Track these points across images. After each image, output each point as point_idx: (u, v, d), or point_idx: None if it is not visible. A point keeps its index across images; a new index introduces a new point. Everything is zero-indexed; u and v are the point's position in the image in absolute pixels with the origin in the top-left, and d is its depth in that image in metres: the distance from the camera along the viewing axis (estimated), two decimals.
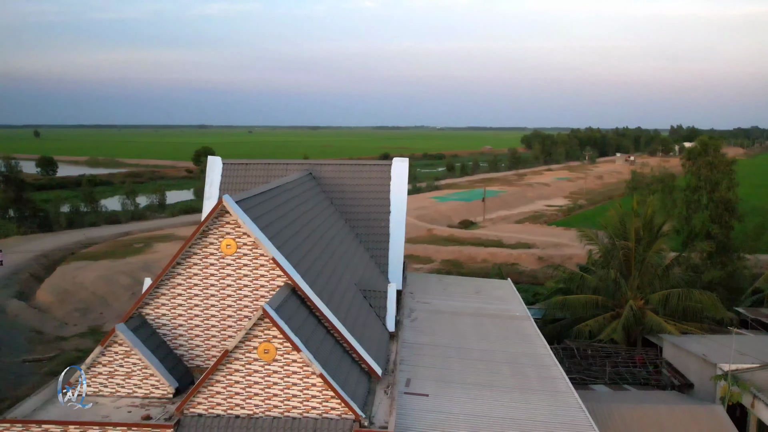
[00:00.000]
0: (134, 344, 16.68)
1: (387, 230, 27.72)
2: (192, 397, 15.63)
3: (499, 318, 26.72)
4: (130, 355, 16.80)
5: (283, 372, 15.58)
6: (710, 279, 42.58)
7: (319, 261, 20.43)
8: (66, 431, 15.45)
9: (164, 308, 17.97)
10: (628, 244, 34.00)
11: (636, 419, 20.86)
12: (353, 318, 19.31)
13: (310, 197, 25.49)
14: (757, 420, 22.48)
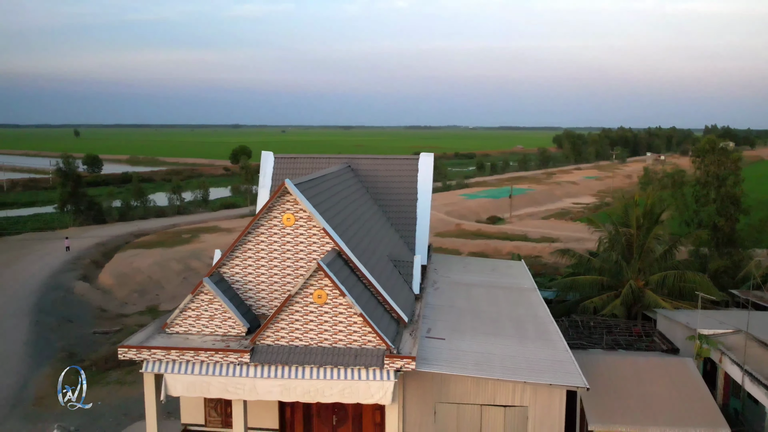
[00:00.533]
0: (216, 293, 21.75)
1: (414, 215, 32.53)
2: (263, 331, 20.64)
3: (509, 289, 31.39)
4: (213, 302, 21.86)
5: (332, 312, 20.52)
6: (716, 267, 46.53)
7: (357, 235, 25.30)
8: (168, 354, 20.59)
9: (237, 268, 23.02)
10: (629, 230, 38.34)
11: (615, 365, 25.38)
12: (385, 279, 24.15)
13: (349, 185, 30.44)
14: (725, 373, 26.74)
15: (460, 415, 22.70)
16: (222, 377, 20.39)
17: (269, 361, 20.33)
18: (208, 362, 20.55)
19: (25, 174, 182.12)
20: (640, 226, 38.21)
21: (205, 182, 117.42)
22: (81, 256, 64.83)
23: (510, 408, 22.51)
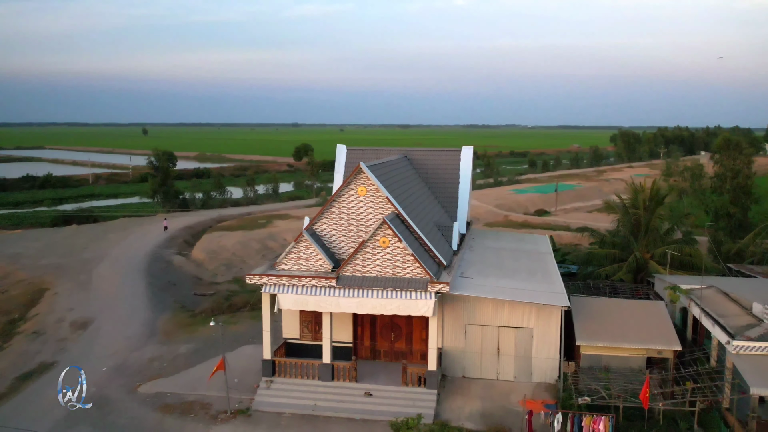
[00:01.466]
0: (311, 241, 31.31)
1: (456, 195, 41.64)
2: (345, 266, 30.11)
3: (530, 253, 40.22)
4: (309, 247, 31.42)
5: (392, 253, 29.83)
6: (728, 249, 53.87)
7: (410, 205, 34.48)
8: (280, 280, 30.29)
9: (324, 225, 32.54)
10: (637, 211, 46.48)
11: (604, 304, 33.94)
12: (431, 236, 33.32)
13: (406, 170, 39.76)
14: (693, 317, 34.84)
15: (483, 334, 31.78)
16: (316, 296, 30.00)
17: (349, 286, 29.81)
18: (307, 286, 30.20)
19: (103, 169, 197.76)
20: (646, 208, 46.33)
21: (275, 176, 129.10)
22: (175, 236, 76.00)
23: (520, 329, 31.46)
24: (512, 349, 31.51)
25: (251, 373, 33.26)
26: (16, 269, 60.59)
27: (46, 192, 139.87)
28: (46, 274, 57.74)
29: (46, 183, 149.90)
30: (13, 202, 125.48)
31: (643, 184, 48.00)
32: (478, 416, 28.78)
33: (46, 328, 44.06)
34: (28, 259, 63.24)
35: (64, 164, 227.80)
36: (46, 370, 36.26)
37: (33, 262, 62.25)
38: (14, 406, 31.81)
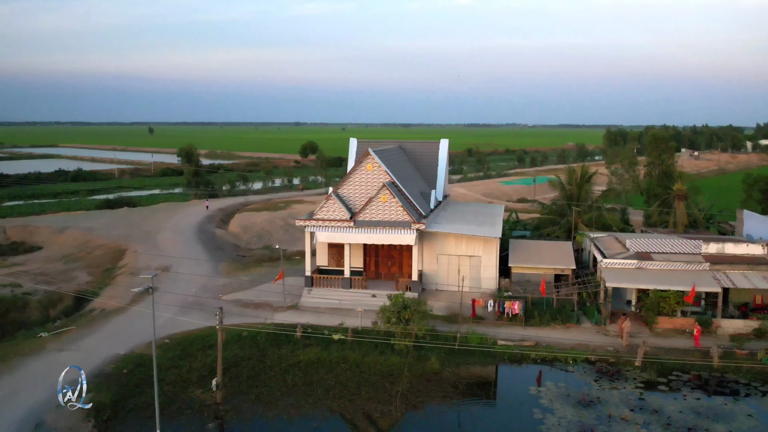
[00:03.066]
0: (336, 199, 48.71)
1: (435, 174, 59.04)
2: (358, 214, 47.51)
3: (485, 213, 57.78)
4: (335, 204, 48.81)
5: (389, 205, 47.26)
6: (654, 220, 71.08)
7: (402, 177, 51.82)
8: (317, 223, 47.68)
9: (344, 189, 49.95)
10: (571, 187, 63.86)
11: (528, 243, 51.45)
12: (415, 198, 50.71)
13: (400, 155, 57.24)
14: (591, 253, 52.11)
15: (449, 260, 49.20)
16: (341, 233, 47.49)
17: (361, 226, 47.27)
18: (334, 227, 47.64)
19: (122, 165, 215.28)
20: (577, 185, 63.71)
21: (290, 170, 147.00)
22: (212, 215, 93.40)
23: (473, 257, 48.87)
24: (468, 270, 48.89)
25: (294, 289, 50.63)
26: (93, 237, 78.08)
27: (78, 184, 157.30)
28: (119, 240, 75.19)
29: (77, 177, 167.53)
30: (51, 193, 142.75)
31: (576, 168, 65.48)
32: (443, 308, 46.15)
33: (139, 271, 61.38)
34: (100, 231, 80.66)
35: (83, 161, 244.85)
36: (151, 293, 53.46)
37: (105, 232, 79.70)
38: (131, 317, 48.92)
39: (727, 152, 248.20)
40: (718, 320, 42.67)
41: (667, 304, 42.66)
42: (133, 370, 36.57)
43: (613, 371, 37.31)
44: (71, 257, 71.98)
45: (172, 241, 74.33)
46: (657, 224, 68.10)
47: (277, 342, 40.48)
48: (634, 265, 44.85)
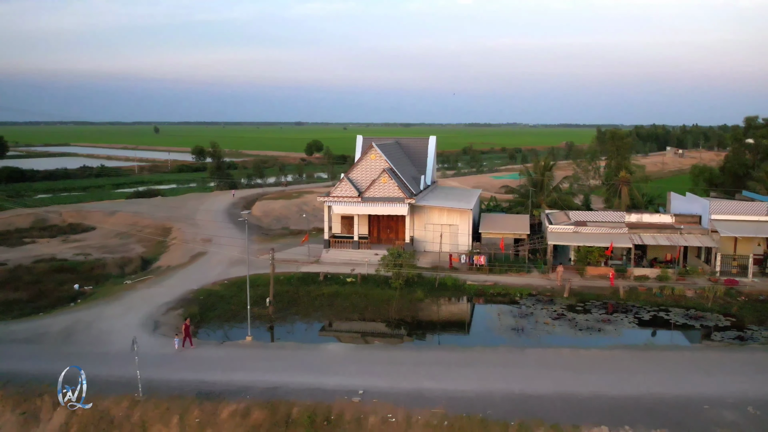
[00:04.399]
0: (348, 181, 64.49)
1: (425, 163, 74.87)
2: (364, 192, 63.28)
3: (464, 194, 73.52)
4: (346, 185, 64.56)
5: (388, 186, 63.04)
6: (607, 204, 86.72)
7: (398, 165, 67.59)
8: (333, 198, 63.48)
9: (353, 174, 65.76)
10: (537, 175, 79.60)
11: (495, 216, 67.27)
12: (408, 180, 66.51)
13: (397, 148, 73.12)
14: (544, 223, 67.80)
15: (434, 228, 64.96)
16: (351, 206, 63.35)
17: (367, 201, 63.07)
18: (346, 202, 63.41)
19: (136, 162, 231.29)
20: (541, 173, 79.46)
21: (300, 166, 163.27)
22: (236, 203, 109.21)
23: (452, 225, 64.66)
24: (448, 236, 64.53)
25: (313, 251, 66.29)
26: (140, 219, 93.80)
27: (103, 180, 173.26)
28: (163, 221, 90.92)
29: (101, 173, 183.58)
30: (80, 187, 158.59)
31: (541, 160, 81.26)
32: (428, 262, 61.80)
33: (188, 241, 77.05)
34: (145, 214, 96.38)
35: (99, 158, 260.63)
36: (202, 256, 69.19)
37: (150, 215, 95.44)
38: (193, 269, 64.43)
39: (713, 150, 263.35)
40: (631, 269, 58.30)
41: (593, 257, 58.37)
42: (205, 297, 52.36)
43: (547, 300, 52.99)
44: (124, 234, 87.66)
45: (208, 221, 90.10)
46: (609, 207, 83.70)
47: (306, 282, 56.28)
48: (571, 229, 60.57)
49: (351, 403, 29.96)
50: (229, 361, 37.35)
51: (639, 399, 30.59)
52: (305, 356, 38.15)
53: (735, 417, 28.46)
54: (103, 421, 30.35)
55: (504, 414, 28.68)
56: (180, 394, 31.62)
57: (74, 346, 40.33)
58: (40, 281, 60.89)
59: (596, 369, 35.44)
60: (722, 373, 34.43)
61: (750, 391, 31.29)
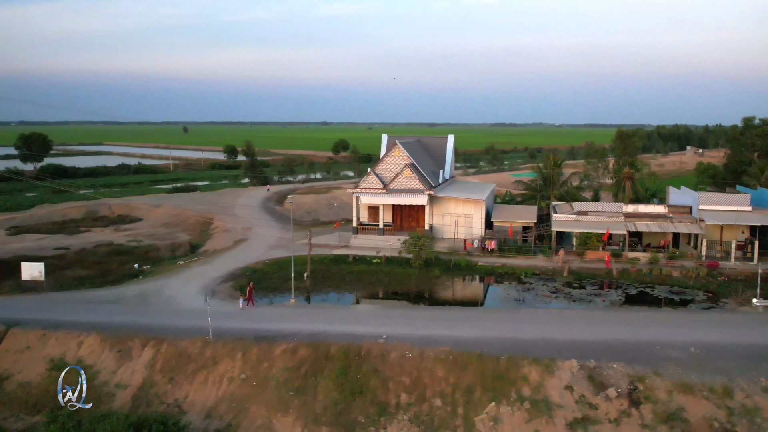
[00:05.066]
0: (374, 175, 72.79)
1: (444, 159, 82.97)
2: (389, 185, 71.55)
3: (479, 187, 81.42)
4: (372, 179, 72.82)
5: (410, 179, 71.30)
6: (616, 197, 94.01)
7: (419, 160, 75.72)
8: (361, 190, 71.83)
9: (379, 168, 74.06)
10: (546, 170, 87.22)
11: (506, 207, 75.14)
12: (428, 174, 74.65)
13: (418, 145, 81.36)
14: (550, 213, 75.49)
15: (450, 218, 73.00)
16: (378, 197, 71.64)
17: (391, 192, 71.33)
18: (373, 193, 71.71)
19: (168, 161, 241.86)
20: (552, 168, 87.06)
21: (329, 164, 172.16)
22: (270, 197, 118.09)
23: (467, 214, 72.66)
24: (463, 224, 72.47)
25: (344, 237, 74.60)
26: (183, 211, 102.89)
27: (140, 176, 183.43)
28: (205, 212, 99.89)
29: (139, 170, 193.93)
30: (119, 183, 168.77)
31: (551, 157, 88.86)
32: (445, 247, 69.78)
33: (227, 232, 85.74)
34: (187, 206, 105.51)
35: (134, 157, 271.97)
36: (244, 241, 77.78)
37: (192, 207, 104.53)
38: (237, 252, 73.01)
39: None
40: (626, 253, 65.75)
41: (591, 242, 65.95)
42: (251, 273, 60.87)
43: (548, 278, 60.73)
44: (170, 224, 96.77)
45: (246, 212, 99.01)
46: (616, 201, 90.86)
47: (337, 263, 64.64)
48: (573, 218, 68.24)
49: (377, 344, 38.17)
50: (279, 316, 45.95)
51: (606, 343, 38.47)
52: (339, 313, 46.64)
53: (678, 354, 36.22)
54: (182, 357, 38.92)
55: (496, 352, 36.72)
56: (242, 337, 40.10)
57: (149, 306, 49.17)
58: (104, 262, 70.04)
59: (576, 323, 43.44)
60: (675, 326, 42.30)
61: (695, 337, 39.01)
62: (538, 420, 32.49)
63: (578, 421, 32.21)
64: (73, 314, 46.38)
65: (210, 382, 37.34)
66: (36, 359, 40.50)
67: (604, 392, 33.27)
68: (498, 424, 32.64)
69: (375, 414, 34.00)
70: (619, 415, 32.20)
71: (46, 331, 42.54)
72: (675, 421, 31.51)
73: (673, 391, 32.90)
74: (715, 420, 31.31)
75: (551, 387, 33.93)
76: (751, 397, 32.18)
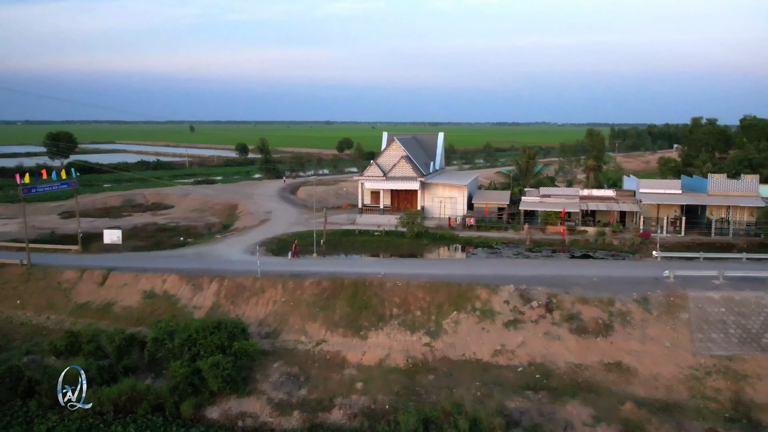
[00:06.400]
0: (376, 165, 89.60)
1: (435, 153, 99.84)
2: (387, 173, 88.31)
3: (464, 175, 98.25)
4: (375, 168, 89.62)
5: (405, 168, 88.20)
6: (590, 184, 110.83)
7: (413, 154, 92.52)
8: (365, 177, 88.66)
9: (379, 160, 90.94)
10: (522, 162, 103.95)
11: (485, 192, 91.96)
12: (421, 165, 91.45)
13: (413, 141, 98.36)
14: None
15: (439, 200, 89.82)
16: (378, 183, 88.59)
17: (389, 180, 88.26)
18: (375, 180, 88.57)
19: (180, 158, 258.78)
20: (527, 161, 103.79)
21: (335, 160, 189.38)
22: (285, 188, 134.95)
23: (452, 198, 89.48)
24: (449, 206, 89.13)
25: (350, 217, 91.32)
26: (210, 199, 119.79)
27: (159, 172, 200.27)
28: (230, 200, 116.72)
29: (157, 166, 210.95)
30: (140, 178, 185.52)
31: (527, 151, 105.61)
32: (433, 224, 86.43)
33: (251, 214, 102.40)
34: (213, 195, 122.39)
35: (148, 155, 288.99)
36: (268, 221, 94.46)
37: (217, 195, 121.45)
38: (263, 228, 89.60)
39: None
40: (579, 227, 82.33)
41: (551, 219, 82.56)
42: (278, 241, 77.65)
43: (514, 246, 77.36)
44: (199, 210, 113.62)
45: (264, 199, 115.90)
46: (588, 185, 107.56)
47: (346, 235, 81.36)
48: (538, 200, 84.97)
49: (377, 278, 54.89)
50: (306, 263, 63.17)
51: (535, 276, 55.25)
52: (350, 262, 63.54)
53: (584, 282, 53.06)
54: (239, 288, 55.73)
55: (459, 281, 53.46)
56: (281, 275, 56.94)
57: (207, 259, 66.14)
58: (154, 236, 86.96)
59: (518, 266, 60.42)
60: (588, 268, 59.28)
61: (598, 273, 56.00)
62: (485, 322, 49.22)
63: (511, 322, 48.92)
64: (152, 263, 63.43)
65: (260, 303, 54.16)
66: (133, 291, 57.43)
67: (530, 304, 50.00)
68: (458, 325, 49.35)
69: (375, 321, 50.75)
70: (537, 318, 48.93)
71: (137, 273, 59.50)
72: (574, 320, 48.21)
73: (575, 302, 49.63)
74: (600, 319, 48.02)
75: (495, 301, 50.67)
76: (626, 305, 48.91)
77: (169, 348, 45.91)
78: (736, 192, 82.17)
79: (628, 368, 44.30)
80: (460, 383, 43.29)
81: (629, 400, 40.64)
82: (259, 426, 40.90)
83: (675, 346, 45.55)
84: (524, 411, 40.00)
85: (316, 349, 48.58)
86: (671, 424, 38.42)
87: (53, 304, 57.66)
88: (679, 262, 63.31)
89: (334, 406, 41.94)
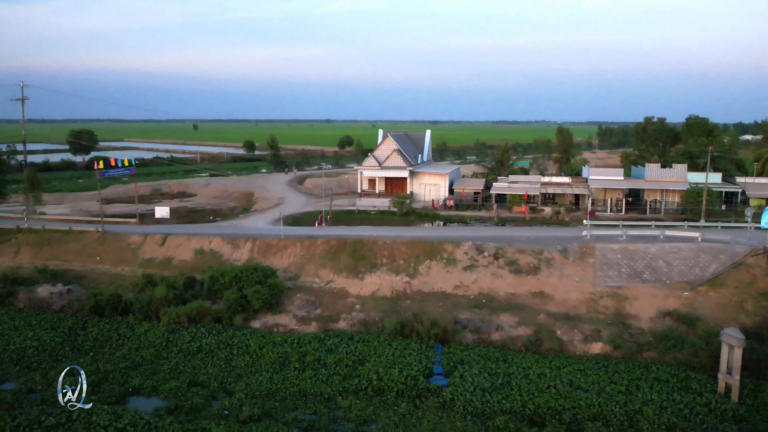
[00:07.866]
0: (373, 158, 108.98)
1: (423, 146, 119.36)
2: (382, 164, 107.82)
3: (448, 166, 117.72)
4: (371, 159, 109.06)
5: (396, 159, 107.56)
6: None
7: (404, 147, 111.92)
8: (363, 167, 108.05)
9: (376, 152, 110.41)
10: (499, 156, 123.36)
11: (465, 179, 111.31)
12: (411, 157, 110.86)
13: (405, 137, 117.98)
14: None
15: (426, 186, 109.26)
16: (375, 172, 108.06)
17: (383, 169, 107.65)
18: (372, 169, 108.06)
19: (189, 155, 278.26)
20: (502, 155, 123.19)
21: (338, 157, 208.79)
22: (292, 179, 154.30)
23: (435, 184, 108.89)
24: (433, 191, 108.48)
25: (351, 201, 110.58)
26: (228, 188, 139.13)
27: (174, 167, 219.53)
28: (246, 189, 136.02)
29: (172, 162, 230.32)
30: (157, 173, 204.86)
31: (502, 146, 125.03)
32: (420, 206, 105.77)
33: (266, 199, 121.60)
34: (230, 185, 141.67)
35: (158, 152, 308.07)
36: (281, 204, 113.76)
37: (233, 185, 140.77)
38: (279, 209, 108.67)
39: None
40: (540, 207, 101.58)
41: (516, 200, 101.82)
42: (293, 218, 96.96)
43: (484, 222, 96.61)
44: (220, 197, 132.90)
45: (275, 188, 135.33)
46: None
47: (348, 214, 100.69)
48: (506, 186, 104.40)
49: (371, 238, 74.29)
50: (317, 230, 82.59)
51: (490, 236, 74.70)
52: (352, 228, 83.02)
53: (524, 239, 72.69)
54: (268, 246, 75.18)
55: (432, 240, 72.88)
56: (299, 237, 76.34)
57: (240, 228, 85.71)
58: (188, 216, 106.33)
59: (477, 231, 79.83)
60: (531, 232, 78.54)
61: (537, 235, 75.57)
62: (449, 267, 68.68)
63: (468, 267, 68.36)
64: (198, 231, 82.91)
65: (284, 257, 73.61)
66: (186, 249, 76.90)
67: (482, 254, 69.46)
68: (430, 270, 68.80)
69: (369, 267, 70.19)
70: (487, 264, 68.40)
71: (189, 236, 78.96)
72: (513, 264, 67.68)
73: (515, 252, 69.11)
74: (532, 263, 67.46)
75: (457, 253, 70.13)
76: (551, 254, 68.39)
77: (221, 283, 65.40)
78: (668, 178, 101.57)
79: (548, 295, 63.80)
80: (428, 305, 62.77)
81: (544, 313, 60.11)
82: (288, 332, 60.31)
83: (582, 280, 65.04)
84: (470, 319, 59.48)
85: (326, 286, 68.09)
86: (569, 325, 57.86)
87: (125, 260, 77.12)
88: (600, 228, 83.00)
89: (340, 319, 61.46)
